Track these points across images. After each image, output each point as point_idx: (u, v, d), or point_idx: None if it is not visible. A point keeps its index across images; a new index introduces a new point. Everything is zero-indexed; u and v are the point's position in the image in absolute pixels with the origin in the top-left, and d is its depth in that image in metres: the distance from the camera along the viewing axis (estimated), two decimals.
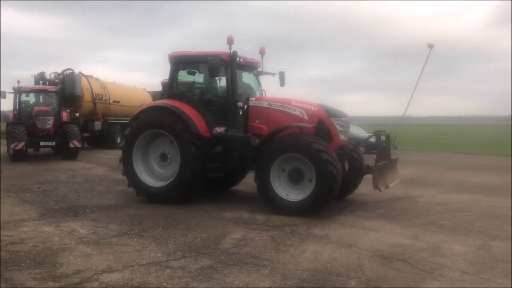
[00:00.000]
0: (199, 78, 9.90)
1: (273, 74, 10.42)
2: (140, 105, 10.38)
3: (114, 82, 26.22)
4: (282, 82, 10.42)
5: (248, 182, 11.76)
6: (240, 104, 8.88)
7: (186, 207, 8.51)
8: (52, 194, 9.95)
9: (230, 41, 9.06)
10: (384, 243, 6.25)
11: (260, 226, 7.17)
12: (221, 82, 9.57)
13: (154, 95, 26.16)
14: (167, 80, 10.09)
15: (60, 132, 18.10)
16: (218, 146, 8.84)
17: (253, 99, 9.15)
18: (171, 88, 9.58)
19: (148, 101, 26.88)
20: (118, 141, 24.06)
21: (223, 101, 9.19)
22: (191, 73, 9.78)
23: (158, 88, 17.18)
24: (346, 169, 8.56)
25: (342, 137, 8.63)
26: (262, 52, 10.23)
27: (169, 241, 6.24)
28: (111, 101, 24.23)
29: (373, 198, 9.76)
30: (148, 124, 9.03)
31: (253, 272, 5.06)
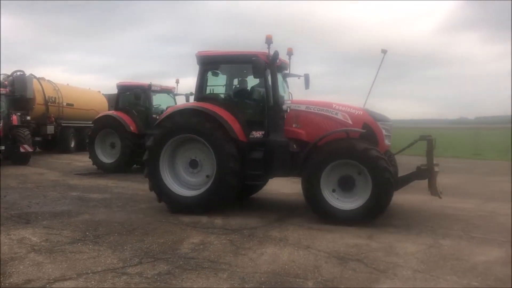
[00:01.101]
0: (230, 79, 9.59)
1: (299, 76, 9.91)
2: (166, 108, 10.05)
3: (67, 84, 25.49)
4: (307, 85, 9.88)
5: None
6: (285, 107, 8.41)
7: (143, 212, 8.40)
8: (2, 201, 9.53)
9: (269, 41, 8.56)
10: (341, 244, 6.38)
11: (218, 230, 7.16)
12: (257, 84, 9.04)
13: (110, 98, 25.64)
14: (188, 82, 10.02)
15: (10, 136, 17.39)
16: (258, 151, 8.33)
17: (288, 101, 8.79)
18: (200, 91, 8.97)
19: (103, 104, 26.34)
20: (73, 145, 23.45)
21: (261, 104, 8.69)
22: (215, 74, 9.28)
23: (114, 90, 16.93)
24: None
25: (387, 141, 8.36)
26: (290, 53, 9.70)
27: (125, 247, 6.12)
28: (64, 104, 23.52)
29: None
30: (180, 129, 8.42)
31: (211, 277, 5.05)
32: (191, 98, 12.40)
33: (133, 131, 15.23)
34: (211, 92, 9.27)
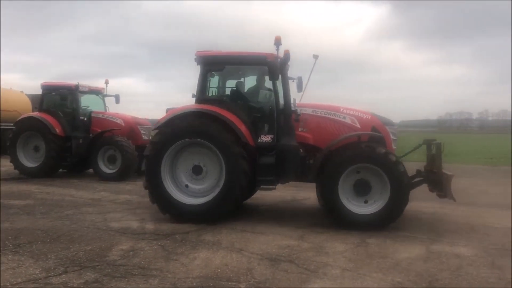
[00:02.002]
0: (235, 81, 9.19)
1: (293, 79, 9.45)
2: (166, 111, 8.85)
3: None
4: (299, 88, 9.42)
5: (135, 190, 11.42)
6: (299, 110, 8.22)
7: (69, 219, 8.00)
8: None
9: (278, 42, 8.20)
10: (273, 246, 6.46)
11: (149, 235, 6.98)
12: (262, 86, 8.87)
13: (34, 99, 24.21)
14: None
15: None
16: (269, 156, 8.08)
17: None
18: (203, 92, 8.50)
19: (26, 105, 24.86)
20: None
21: (270, 107, 8.44)
22: (219, 75, 8.98)
23: (38, 91, 16.00)
24: None
25: (393, 146, 8.37)
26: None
27: (49, 256, 5.79)
28: None
29: (263, 202, 10.07)
30: (185, 133, 7.91)
31: (141, 283, 4.91)
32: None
33: (59, 134, 14.46)
34: (214, 94, 8.98)
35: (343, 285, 4.97)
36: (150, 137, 15.88)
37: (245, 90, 9.06)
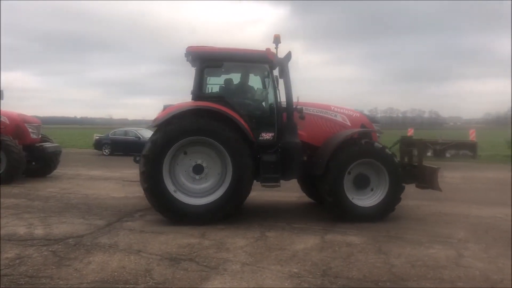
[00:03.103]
0: (231, 78, 8.84)
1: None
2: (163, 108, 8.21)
3: None
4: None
5: (22, 193, 10.58)
6: (303, 109, 8.25)
7: None
8: None
9: (277, 40, 8.28)
10: (173, 245, 6.36)
11: (39, 241, 6.49)
12: (262, 84, 8.71)
13: None
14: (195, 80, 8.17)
15: None
16: (273, 154, 8.00)
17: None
18: (200, 89, 8.16)
19: None
20: None
21: (272, 105, 8.34)
22: (216, 72, 8.67)
23: None
24: None
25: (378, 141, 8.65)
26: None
27: None
28: None
29: None
30: (189, 131, 7.54)
31: None
32: None
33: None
34: (210, 90, 8.65)
35: (243, 279, 5.05)
36: (40, 136, 14.84)
37: (244, 87, 8.89)
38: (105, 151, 26.02)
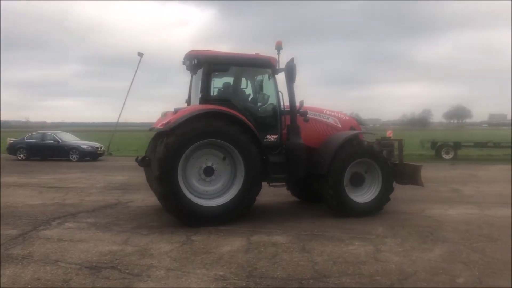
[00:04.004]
0: (237, 82, 9.00)
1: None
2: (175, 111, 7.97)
3: None
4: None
5: None
6: (307, 112, 8.73)
7: None
8: None
9: (279, 46, 8.64)
10: (94, 253, 6.09)
11: None
12: (265, 88, 8.77)
13: None
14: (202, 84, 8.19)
15: None
16: (280, 155, 8.40)
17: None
18: (207, 92, 8.19)
19: None
20: None
21: (276, 108, 8.63)
22: (220, 75, 8.80)
23: None
24: None
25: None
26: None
27: None
28: None
29: (84, 208, 9.46)
30: (202, 133, 7.61)
31: None
32: None
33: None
34: (213, 93, 8.60)
35: (168, 285, 4.94)
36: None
37: (249, 91, 9.08)
38: (20, 156, 24.39)
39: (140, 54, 27.36)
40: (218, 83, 8.89)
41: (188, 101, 9.34)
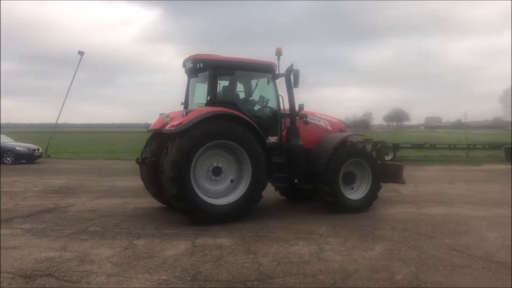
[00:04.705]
0: (241, 85, 9.36)
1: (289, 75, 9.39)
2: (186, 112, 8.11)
3: None
4: (296, 83, 9.10)
5: None
6: (307, 115, 9.46)
7: None
8: None
9: (278, 53, 9.09)
10: (29, 260, 5.78)
11: None
12: (265, 92, 9.14)
13: None
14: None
15: None
16: (279, 155, 8.87)
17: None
18: (214, 95, 8.45)
19: None
20: None
21: (273, 111, 9.08)
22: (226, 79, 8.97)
23: None
24: None
25: None
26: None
27: None
28: None
29: (18, 213, 8.98)
30: (213, 135, 7.88)
31: None
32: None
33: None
34: (231, 98, 8.95)
35: None
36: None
37: (251, 94, 9.41)
38: None
39: (81, 53, 26.43)
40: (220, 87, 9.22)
41: (185, 104, 9.47)
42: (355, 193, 9.31)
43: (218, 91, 8.69)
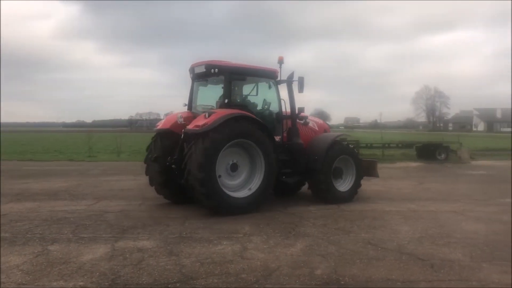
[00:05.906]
0: (248, 89, 10.15)
1: (294, 81, 10.38)
2: (207, 114, 8.69)
3: None
4: (300, 88, 9.92)
5: None
6: (307, 117, 10.90)
7: None
8: None
9: (280, 61, 10.05)
10: None
11: None
12: (270, 95, 10.15)
13: None
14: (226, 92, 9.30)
15: None
16: (284, 153, 9.82)
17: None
18: (229, 97, 9.25)
19: None
20: None
21: (276, 113, 10.04)
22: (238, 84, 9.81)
23: None
24: None
25: None
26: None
27: None
28: None
29: None
30: (233, 135, 8.67)
31: None
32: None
33: None
34: (242, 101, 9.91)
35: None
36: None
37: (258, 98, 10.16)
38: None
39: None
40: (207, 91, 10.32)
41: (189, 106, 10.20)
42: (342, 186, 10.51)
43: (231, 94, 9.47)
